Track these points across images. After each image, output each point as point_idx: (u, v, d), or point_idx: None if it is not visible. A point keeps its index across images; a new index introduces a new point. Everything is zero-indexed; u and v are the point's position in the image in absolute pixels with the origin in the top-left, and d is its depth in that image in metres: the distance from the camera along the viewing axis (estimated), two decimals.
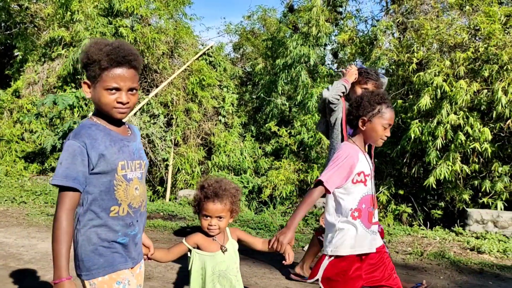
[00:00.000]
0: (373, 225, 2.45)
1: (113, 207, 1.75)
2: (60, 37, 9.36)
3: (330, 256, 2.39)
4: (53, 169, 8.72)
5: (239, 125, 9.81)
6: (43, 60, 9.99)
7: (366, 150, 2.52)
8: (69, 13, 8.99)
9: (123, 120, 1.87)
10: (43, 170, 8.90)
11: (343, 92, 3.43)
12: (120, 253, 1.78)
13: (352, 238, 2.35)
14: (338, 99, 3.43)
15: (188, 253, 2.21)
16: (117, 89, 1.72)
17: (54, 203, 6.73)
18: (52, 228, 1.67)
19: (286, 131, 8.79)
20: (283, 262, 2.20)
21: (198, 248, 2.19)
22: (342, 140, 3.48)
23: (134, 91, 1.77)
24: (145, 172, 1.92)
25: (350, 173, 2.36)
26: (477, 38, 6.52)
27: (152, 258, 2.13)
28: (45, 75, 9.80)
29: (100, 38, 1.84)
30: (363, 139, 2.46)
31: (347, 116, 2.56)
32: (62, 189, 1.67)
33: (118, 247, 1.77)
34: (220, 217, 2.16)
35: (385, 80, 3.68)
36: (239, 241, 2.29)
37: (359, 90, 3.47)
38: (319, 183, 2.34)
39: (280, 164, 8.40)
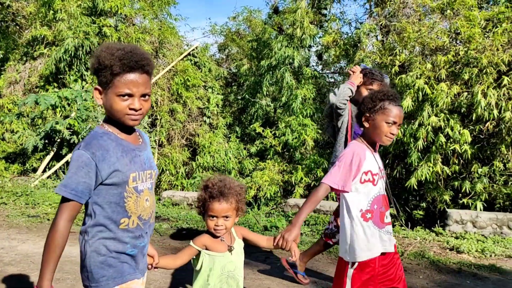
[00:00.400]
0: (387, 225, 2.43)
1: (123, 219, 1.71)
2: (42, 36, 9.24)
3: (353, 264, 2.36)
4: (34, 170, 8.61)
5: (224, 126, 9.81)
6: (25, 59, 9.85)
7: (375, 149, 2.49)
8: (51, 11, 8.89)
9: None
10: (24, 171, 8.77)
11: (349, 96, 3.41)
12: (129, 263, 1.75)
13: (366, 240, 2.34)
14: (345, 104, 3.41)
15: (194, 255, 2.18)
16: (130, 95, 1.66)
17: (34, 205, 6.64)
18: (47, 235, 1.64)
19: (271, 132, 8.82)
20: (289, 258, 2.20)
21: (206, 249, 2.15)
22: (346, 144, 3.47)
23: (147, 97, 1.71)
24: (154, 181, 1.87)
25: (357, 172, 2.34)
26: (457, 42, 6.65)
27: (158, 267, 2.06)
28: (26, 74, 9.67)
29: (111, 43, 1.79)
30: (370, 137, 2.43)
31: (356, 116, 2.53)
32: (63, 198, 1.65)
33: (127, 258, 1.74)
34: (227, 217, 2.11)
35: (387, 80, 3.70)
36: (244, 240, 2.26)
37: (364, 92, 3.45)
38: (325, 181, 2.34)
39: (265, 165, 8.42)
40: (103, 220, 1.69)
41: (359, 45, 7.98)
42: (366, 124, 2.42)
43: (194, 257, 2.17)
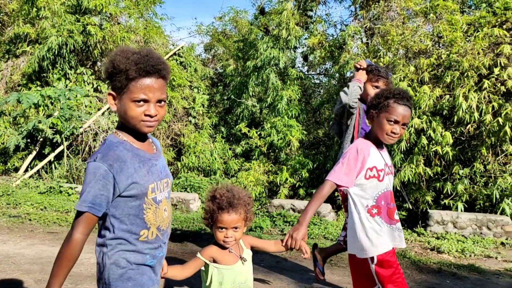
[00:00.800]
0: (397, 222, 2.43)
1: (143, 231, 1.67)
2: (25, 33, 9.12)
3: (372, 260, 2.35)
4: (16, 169, 8.48)
5: (209, 126, 9.80)
6: (7, 56, 9.71)
7: (382, 147, 2.48)
8: (35, 9, 8.79)
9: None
10: (6, 170, 8.64)
11: (359, 94, 3.41)
12: (148, 275, 1.71)
13: (376, 235, 2.34)
14: (357, 102, 3.42)
15: (203, 267, 2.11)
16: (145, 101, 1.60)
17: (16, 205, 6.54)
18: (61, 247, 1.59)
19: (256, 132, 8.85)
20: (302, 255, 2.16)
21: (214, 261, 2.09)
22: (352, 141, 3.47)
23: (163, 102, 1.65)
24: (170, 189, 1.83)
25: (361, 168, 2.35)
26: (440, 45, 6.76)
27: (166, 277, 2.00)
28: (9, 72, 9.53)
29: (126, 46, 1.71)
30: (375, 135, 2.42)
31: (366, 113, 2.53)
32: (79, 212, 1.60)
33: (146, 269, 1.71)
34: (236, 228, 2.06)
35: (390, 77, 3.72)
36: (251, 248, 2.21)
37: (370, 88, 3.46)
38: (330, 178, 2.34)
39: (250, 165, 8.44)
40: (122, 233, 1.64)
41: (344, 47, 8.06)
42: (371, 122, 2.42)
43: (204, 269, 2.11)
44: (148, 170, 1.68)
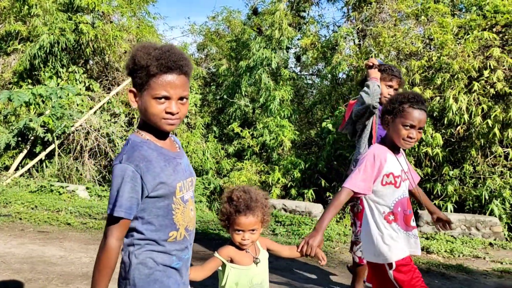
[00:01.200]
0: (414, 229, 2.42)
1: (172, 232, 1.63)
2: (16, 31, 9.05)
3: (390, 267, 2.33)
4: (6, 168, 8.42)
5: (202, 126, 9.80)
6: None
7: (399, 152, 2.46)
8: (26, 7, 8.73)
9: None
10: None
11: (380, 93, 3.39)
12: (174, 278, 1.67)
13: (392, 242, 2.33)
14: (378, 101, 3.40)
15: (220, 267, 2.08)
16: (167, 98, 1.55)
17: (6, 203, 6.50)
18: (98, 255, 1.55)
19: (249, 132, 8.87)
20: (319, 262, 2.13)
21: (231, 261, 2.06)
22: (370, 141, 3.47)
23: (185, 100, 1.60)
24: (194, 188, 1.79)
25: (378, 174, 2.33)
26: (431, 48, 6.83)
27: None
28: (0, 70, 9.45)
29: (148, 42, 1.65)
30: (391, 140, 2.40)
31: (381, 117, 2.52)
32: (112, 217, 1.55)
33: (173, 272, 1.66)
34: (253, 230, 2.03)
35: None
36: (267, 251, 2.18)
37: (384, 88, 3.44)
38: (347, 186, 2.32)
39: (242, 165, 8.46)
40: (151, 234, 1.61)
41: (336, 48, 8.10)
42: (386, 127, 2.41)
43: (220, 268, 2.08)
44: (174, 168, 1.64)
